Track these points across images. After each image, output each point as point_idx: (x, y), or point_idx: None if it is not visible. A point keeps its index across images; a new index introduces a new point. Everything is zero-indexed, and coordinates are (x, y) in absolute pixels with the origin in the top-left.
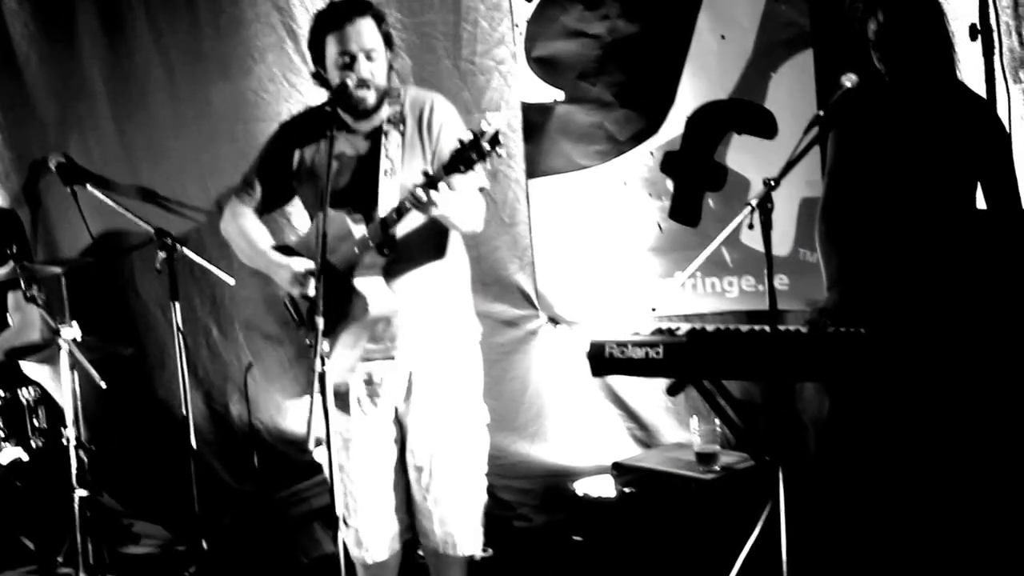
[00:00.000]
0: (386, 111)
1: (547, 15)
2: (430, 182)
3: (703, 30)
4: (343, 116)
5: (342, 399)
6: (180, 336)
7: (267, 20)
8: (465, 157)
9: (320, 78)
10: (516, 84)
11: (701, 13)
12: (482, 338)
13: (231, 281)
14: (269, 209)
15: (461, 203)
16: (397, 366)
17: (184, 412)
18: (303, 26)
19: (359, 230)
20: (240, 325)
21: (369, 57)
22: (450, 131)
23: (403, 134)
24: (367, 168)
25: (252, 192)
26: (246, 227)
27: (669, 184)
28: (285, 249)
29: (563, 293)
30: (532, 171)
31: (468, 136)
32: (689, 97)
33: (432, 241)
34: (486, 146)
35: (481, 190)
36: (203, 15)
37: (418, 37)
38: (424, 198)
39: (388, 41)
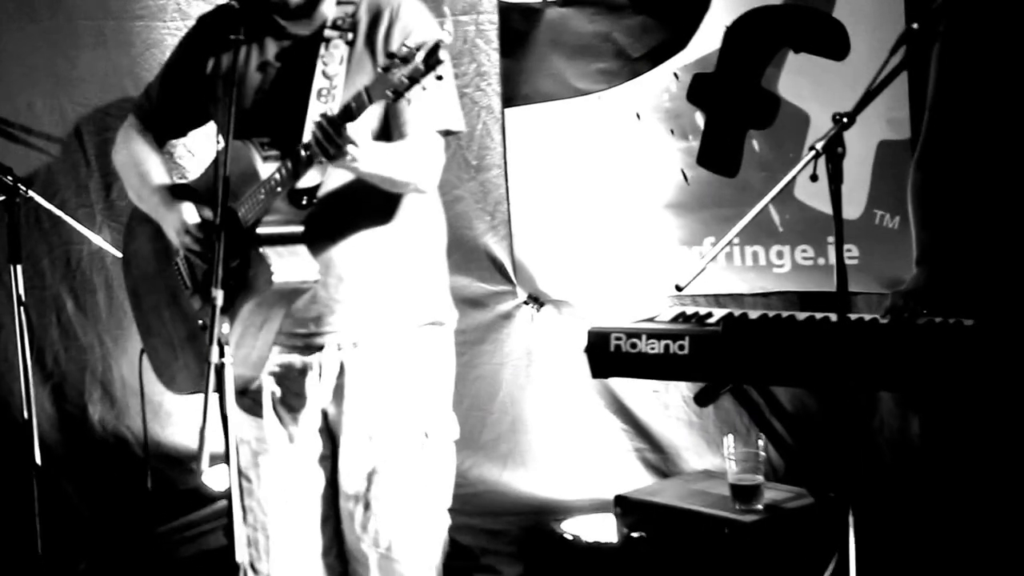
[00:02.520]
0: (332, 10)
1: None
2: (340, 116)
3: None
4: (274, 16)
5: (252, 399)
6: (21, 310)
7: None
8: (393, 77)
9: None
10: None
11: None
12: None
13: (111, 250)
14: (173, 132)
15: (399, 154)
16: (325, 357)
17: (26, 414)
18: None
19: (267, 169)
20: (128, 291)
21: None
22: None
23: (351, 44)
24: (296, 86)
25: (151, 108)
26: (138, 155)
27: (699, 118)
28: (182, 190)
29: (550, 263)
30: (511, 96)
31: (401, 49)
32: (729, 0)
33: (373, 198)
34: (418, 64)
35: (447, 134)
36: None
37: None
38: (326, 137)
39: None
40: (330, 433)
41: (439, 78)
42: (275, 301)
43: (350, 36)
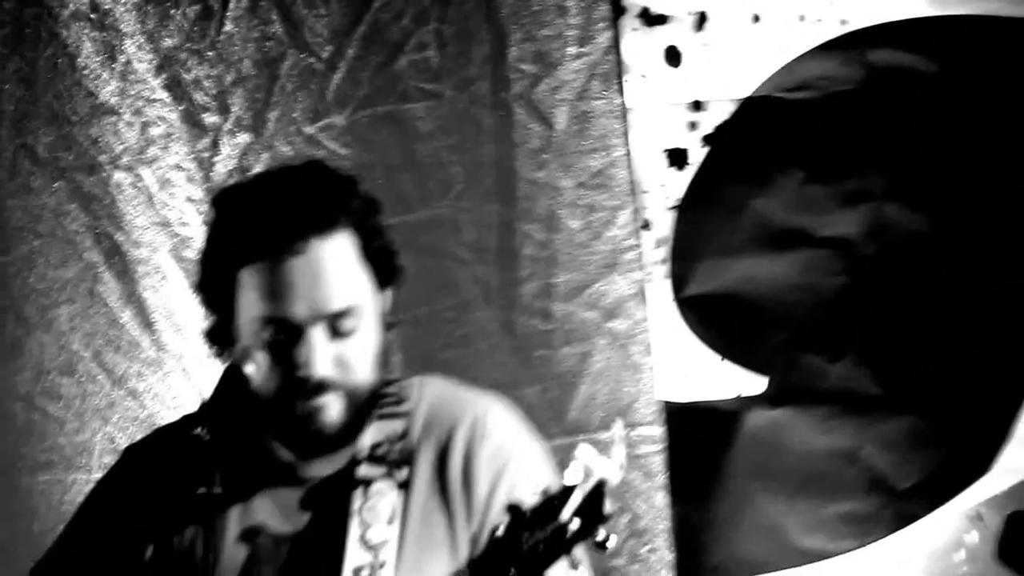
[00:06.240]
0: (371, 436)
1: (715, 197)
2: None
3: None
4: (276, 447)
5: None
6: None
7: (56, 223)
8: (514, 551)
9: (220, 338)
10: (650, 363)
11: None
12: None
13: None
14: None
15: None
16: None
17: None
18: (141, 236)
19: None
20: None
21: (337, 327)
22: (512, 488)
23: (407, 489)
24: (315, 564)
25: None
26: None
27: None
28: None
29: None
30: (693, 569)
31: (528, 500)
32: None
33: None
34: (567, 520)
35: None
36: None
37: (415, 253)
38: None
39: (386, 273)
40: None
41: (601, 547)
42: None
43: (403, 474)
